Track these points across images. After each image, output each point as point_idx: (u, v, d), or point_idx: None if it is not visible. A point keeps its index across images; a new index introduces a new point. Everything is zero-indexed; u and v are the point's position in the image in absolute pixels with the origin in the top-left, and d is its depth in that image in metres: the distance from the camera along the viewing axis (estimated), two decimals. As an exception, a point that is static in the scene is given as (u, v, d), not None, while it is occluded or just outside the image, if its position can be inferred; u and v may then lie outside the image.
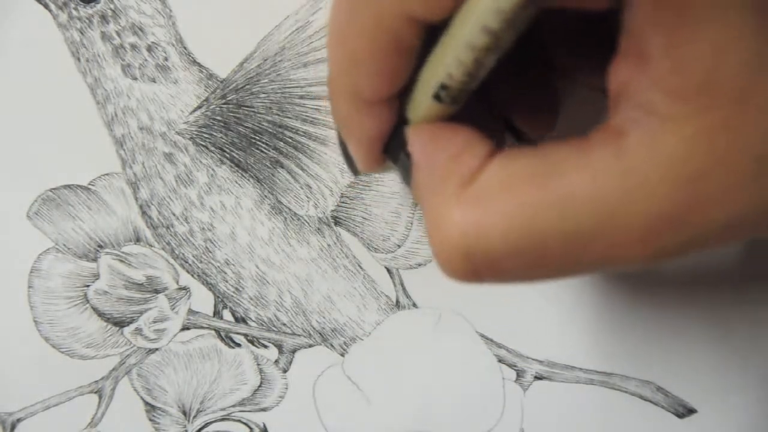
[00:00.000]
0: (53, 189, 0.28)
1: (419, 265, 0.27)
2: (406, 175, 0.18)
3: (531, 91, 0.22)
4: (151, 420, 0.28)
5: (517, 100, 0.22)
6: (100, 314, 0.28)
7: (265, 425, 0.28)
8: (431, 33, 0.16)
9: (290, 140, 0.27)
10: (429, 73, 0.17)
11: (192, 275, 0.28)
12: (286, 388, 0.28)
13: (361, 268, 0.28)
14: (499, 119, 0.22)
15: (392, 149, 0.19)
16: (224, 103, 0.27)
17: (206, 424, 0.28)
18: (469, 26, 0.15)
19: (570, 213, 0.15)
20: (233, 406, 0.28)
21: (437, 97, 0.17)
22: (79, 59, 0.27)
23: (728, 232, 0.15)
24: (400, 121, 0.18)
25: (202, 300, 0.28)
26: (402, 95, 0.18)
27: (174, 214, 0.27)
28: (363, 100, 0.18)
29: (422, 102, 0.17)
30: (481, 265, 0.16)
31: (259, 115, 0.27)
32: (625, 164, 0.14)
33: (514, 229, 0.15)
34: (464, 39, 0.15)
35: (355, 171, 0.22)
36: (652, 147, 0.14)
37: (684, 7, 0.13)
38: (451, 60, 0.16)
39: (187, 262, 0.28)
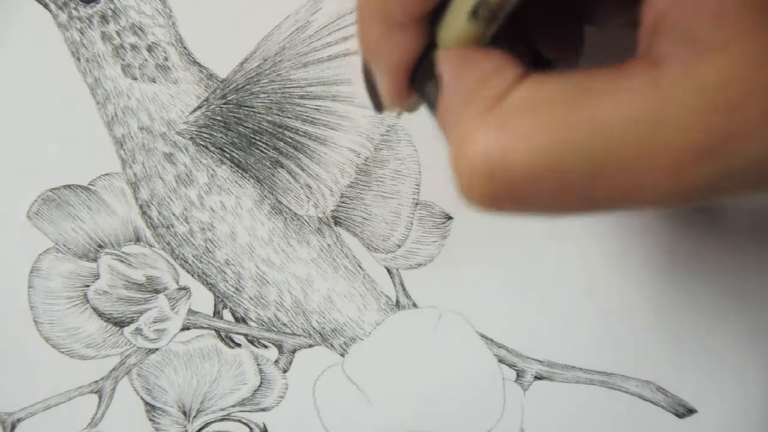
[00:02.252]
0: (53, 189, 0.27)
1: (419, 265, 0.27)
2: (433, 104, 0.18)
3: (557, 22, 0.21)
4: (151, 420, 0.28)
5: (543, 32, 0.21)
6: (100, 314, 0.28)
7: (265, 425, 0.28)
8: None
9: (290, 140, 0.27)
10: None
11: (192, 275, 0.28)
12: (286, 388, 0.28)
13: (361, 268, 0.28)
14: (525, 49, 0.22)
15: (420, 78, 0.18)
16: (224, 103, 0.27)
17: (206, 424, 0.28)
18: None
19: (600, 138, 0.14)
20: (233, 406, 0.28)
21: (474, 13, 0.16)
22: (79, 59, 0.27)
23: (762, 171, 0.14)
24: (429, 49, 0.18)
25: (202, 300, 0.28)
26: (433, 18, 0.17)
27: (174, 214, 0.27)
28: (394, 22, 0.17)
29: (456, 22, 0.17)
30: (502, 188, 0.15)
31: (259, 115, 0.27)
32: (662, 92, 0.14)
33: (539, 151, 0.14)
34: None
35: (379, 107, 0.21)
36: (689, 75, 0.14)
37: None
38: None
39: (187, 262, 0.28)
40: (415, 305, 0.27)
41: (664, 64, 0.14)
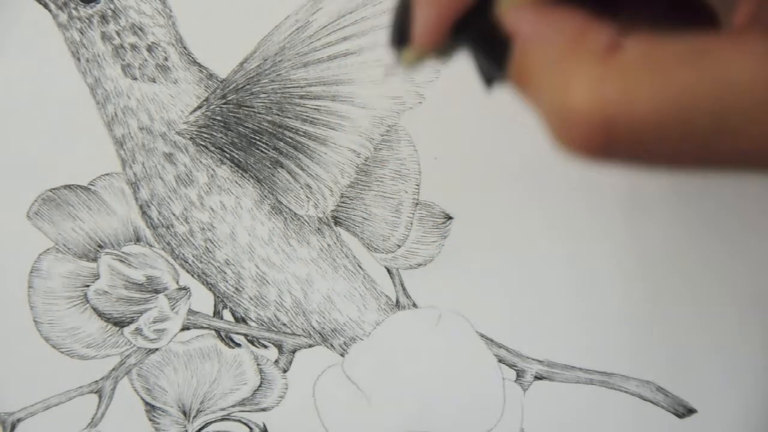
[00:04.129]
0: (53, 189, 0.27)
1: (419, 265, 0.27)
2: (494, 59, 0.17)
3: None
4: (151, 420, 0.28)
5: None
6: (100, 314, 0.28)
7: (265, 425, 0.28)
8: None
9: (290, 140, 0.27)
10: None
11: (192, 275, 0.28)
12: (286, 388, 0.28)
13: (361, 268, 0.28)
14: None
15: (467, 30, 0.17)
16: (224, 103, 0.27)
17: (206, 424, 0.28)
18: None
19: (725, 96, 0.14)
20: (233, 406, 0.28)
21: None
22: (79, 59, 0.27)
23: None
24: (484, 2, 0.17)
25: (202, 300, 0.28)
26: None
27: (174, 214, 0.27)
28: None
29: None
30: (619, 134, 0.15)
31: (259, 115, 0.27)
32: None
33: (663, 102, 0.14)
34: None
35: (401, 40, 0.19)
36: None
37: None
38: None
39: (187, 262, 0.28)
40: (415, 305, 0.27)
41: None
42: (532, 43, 0.16)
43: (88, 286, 0.28)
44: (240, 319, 0.28)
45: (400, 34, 0.19)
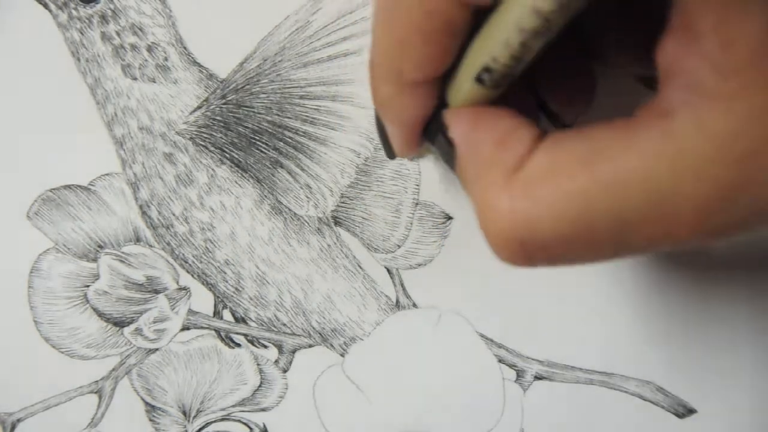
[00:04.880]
0: (53, 189, 0.28)
1: (419, 265, 0.27)
2: (448, 159, 0.18)
3: (566, 73, 0.22)
4: (151, 420, 0.28)
5: (551, 81, 0.22)
6: (100, 314, 0.28)
7: (265, 425, 0.28)
8: (479, 15, 0.16)
9: (290, 140, 0.27)
10: (474, 55, 0.17)
11: (192, 275, 0.28)
12: (286, 388, 0.28)
13: (361, 268, 0.28)
14: (532, 99, 0.22)
15: (431, 132, 0.19)
16: (224, 103, 0.27)
17: (206, 424, 0.28)
18: (520, 7, 0.14)
19: (620, 196, 0.15)
20: (233, 406, 0.28)
21: (479, 79, 0.16)
22: (79, 59, 0.27)
23: None
24: (440, 105, 0.18)
25: (202, 300, 0.28)
26: (444, 78, 0.18)
27: (174, 214, 0.27)
28: (406, 83, 0.18)
29: (464, 85, 0.17)
30: (533, 251, 0.16)
31: (259, 115, 0.27)
32: (674, 145, 0.14)
33: (564, 215, 0.15)
34: (513, 20, 0.15)
35: (391, 155, 0.22)
36: (700, 126, 0.14)
37: None
38: (497, 42, 0.15)
39: (187, 262, 0.28)
40: (415, 305, 0.27)
41: (675, 113, 0.14)
42: (463, 151, 0.17)
43: (88, 286, 0.28)
44: (240, 319, 0.28)
45: (388, 149, 0.22)
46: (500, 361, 0.27)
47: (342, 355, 0.28)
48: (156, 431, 0.28)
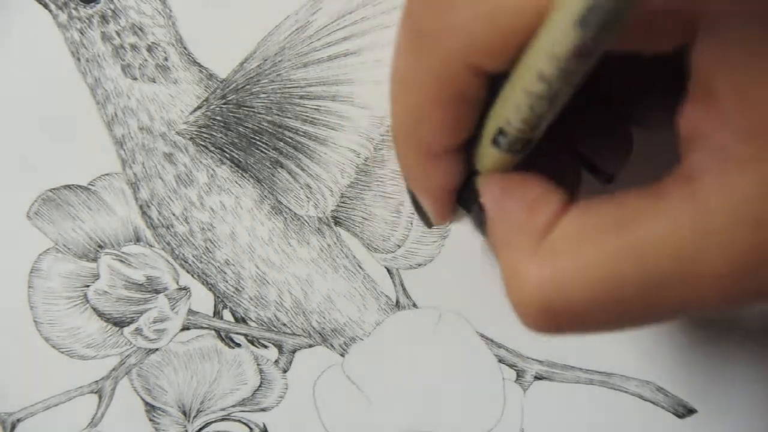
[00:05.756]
0: (53, 189, 0.28)
1: (419, 265, 0.27)
2: (481, 226, 0.18)
3: (604, 128, 0.21)
4: (151, 420, 0.28)
5: (591, 137, 0.22)
6: (100, 314, 0.28)
7: (265, 425, 0.28)
8: (496, 81, 0.16)
9: (290, 140, 0.27)
10: (491, 120, 0.17)
11: (192, 275, 0.28)
12: (286, 388, 0.28)
13: (361, 268, 0.28)
14: (573, 154, 0.22)
15: (465, 199, 0.19)
16: (224, 103, 0.27)
17: (206, 424, 0.28)
18: (526, 73, 0.15)
19: (648, 261, 0.15)
20: (233, 406, 0.28)
21: (495, 142, 0.17)
22: (79, 59, 0.27)
23: None
24: (472, 172, 0.18)
25: (202, 300, 0.28)
26: (470, 145, 0.18)
27: (174, 215, 0.27)
28: (429, 152, 0.18)
29: (486, 151, 0.17)
30: (561, 318, 0.16)
31: (259, 115, 0.27)
32: (700, 208, 0.14)
33: (592, 281, 0.15)
34: (521, 85, 0.15)
35: (428, 224, 0.22)
36: (725, 190, 0.14)
37: (750, 47, 0.13)
38: (509, 106, 0.16)
39: (187, 262, 0.28)
40: (415, 305, 0.27)
41: (699, 178, 0.14)
42: (491, 216, 0.17)
43: (88, 286, 0.28)
44: (240, 319, 0.28)
45: (422, 216, 0.22)
46: (500, 361, 0.27)
47: (342, 355, 0.28)
48: (156, 431, 0.28)
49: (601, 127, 0.21)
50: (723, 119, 0.14)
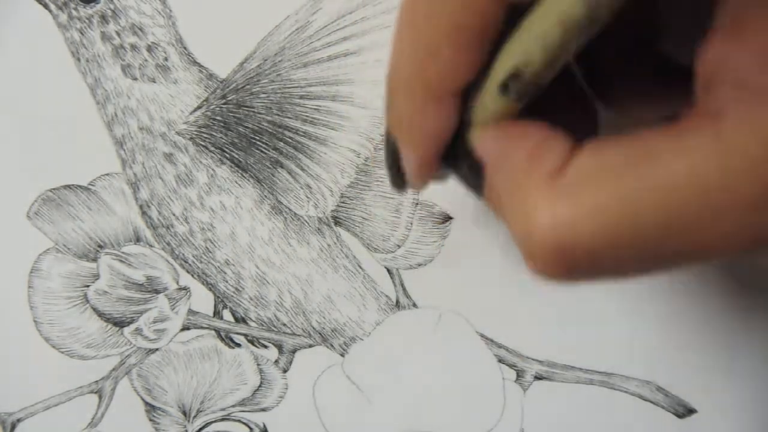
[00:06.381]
0: (53, 189, 0.28)
1: (419, 265, 0.27)
2: (474, 182, 0.17)
3: (569, 114, 0.21)
4: (151, 420, 0.28)
5: (552, 118, 0.21)
6: (100, 314, 0.28)
7: (265, 425, 0.28)
8: (511, 20, 0.15)
9: (290, 140, 0.27)
10: (502, 61, 0.16)
11: (192, 275, 0.28)
12: (286, 388, 0.28)
13: (361, 268, 0.28)
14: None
15: (452, 156, 0.18)
16: (224, 103, 0.27)
17: (206, 424, 0.28)
18: None
19: (670, 200, 0.14)
20: (233, 406, 0.28)
21: (505, 88, 0.16)
22: (79, 59, 0.27)
23: None
24: (461, 126, 0.17)
25: (202, 300, 0.28)
26: (465, 95, 0.17)
27: (174, 214, 0.27)
28: (429, 94, 0.17)
29: (491, 97, 0.16)
30: (575, 260, 0.15)
31: (259, 115, 0.27)
32: (726, 145, 0.14)
33: (611, 220, 0.14)
34: (556, 12, 0.14)
35: (401, 184, 0.20)
36: (753, 124, 0.13)
37: None
38: (532, 40, 0.15)
39: (187, 262, 0.28)
40: (415, 305, 0.27)
41: (724, 115, 0.14)
42: (494, 168, 0.16)
43: (88, 286, 0.28)
44: (240, 319, 0.28)
45: (397, 178, 0.20)
46: (500, 361, 0.27)
47: (342, 355, 0.28)
48: (156, 431, 0.28)
49: (566, 111, 0.21)
50: (753, 49, 0.14)
